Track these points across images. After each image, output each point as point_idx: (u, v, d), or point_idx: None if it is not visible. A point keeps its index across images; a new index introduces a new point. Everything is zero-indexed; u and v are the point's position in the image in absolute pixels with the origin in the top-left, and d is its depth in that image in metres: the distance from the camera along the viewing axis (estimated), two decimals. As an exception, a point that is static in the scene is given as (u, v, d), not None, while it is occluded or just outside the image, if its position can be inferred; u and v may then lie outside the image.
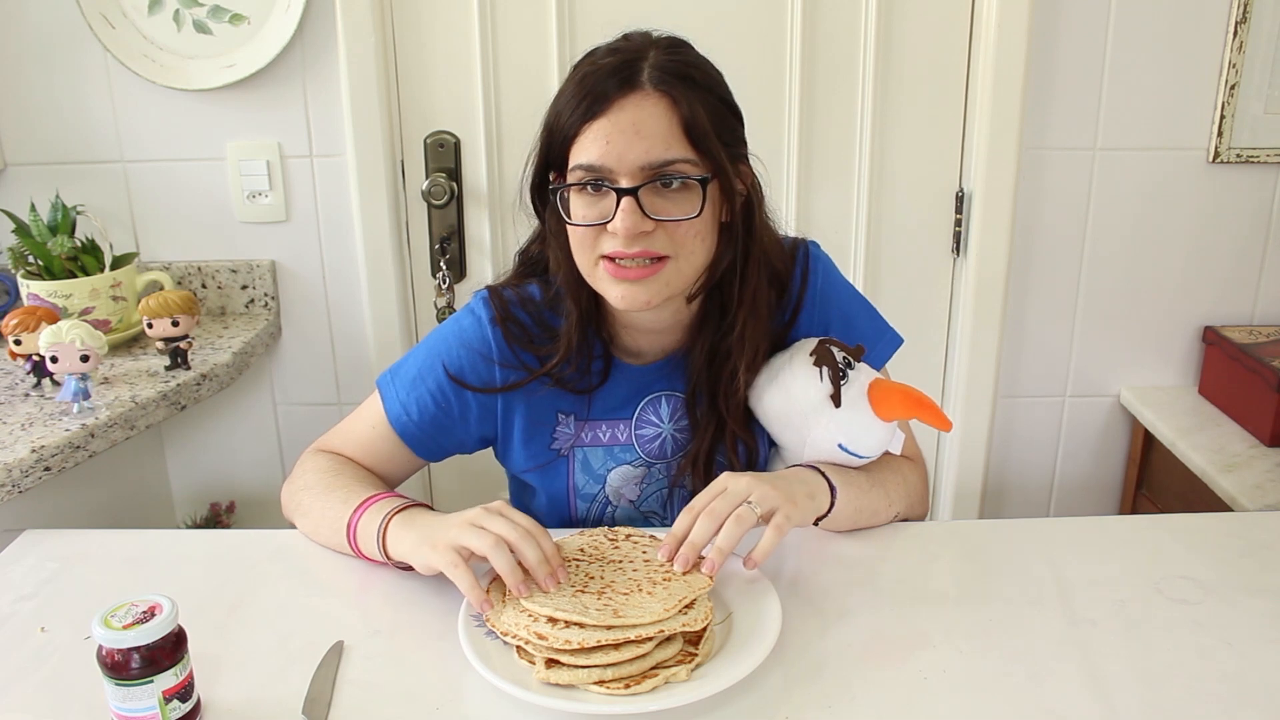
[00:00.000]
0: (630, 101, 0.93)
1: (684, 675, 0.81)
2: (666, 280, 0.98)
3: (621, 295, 0.98)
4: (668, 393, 1.13)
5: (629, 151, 0.93)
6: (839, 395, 1.01)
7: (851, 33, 1.69)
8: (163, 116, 1.71)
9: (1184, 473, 1.63)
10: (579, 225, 0.97)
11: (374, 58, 1.66)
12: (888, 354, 1.17)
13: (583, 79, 0.95)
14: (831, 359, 1.02)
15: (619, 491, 1.14)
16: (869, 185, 1.75)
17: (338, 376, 1.85)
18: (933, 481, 1.94)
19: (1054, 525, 1.14)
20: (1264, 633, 0.91)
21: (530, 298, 1.10)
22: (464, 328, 1.10)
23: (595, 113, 0.93)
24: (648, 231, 0.95)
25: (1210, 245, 1.76)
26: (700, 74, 0.97)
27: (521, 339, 1.08)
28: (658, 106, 0.93)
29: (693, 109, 0.94)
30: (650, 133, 0.93)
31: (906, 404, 1.02)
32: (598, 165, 0.94)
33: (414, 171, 1.76)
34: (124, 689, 0.77)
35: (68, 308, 1.55)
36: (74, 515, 1.54)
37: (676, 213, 0.95)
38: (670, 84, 0.93)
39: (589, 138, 0.94)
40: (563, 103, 0.96)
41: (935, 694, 0.83)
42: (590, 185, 0.95)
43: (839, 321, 1.13)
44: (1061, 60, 1.67)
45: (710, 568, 0.89)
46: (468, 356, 1.09)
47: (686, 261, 0.98)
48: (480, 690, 0.83)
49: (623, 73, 0.93)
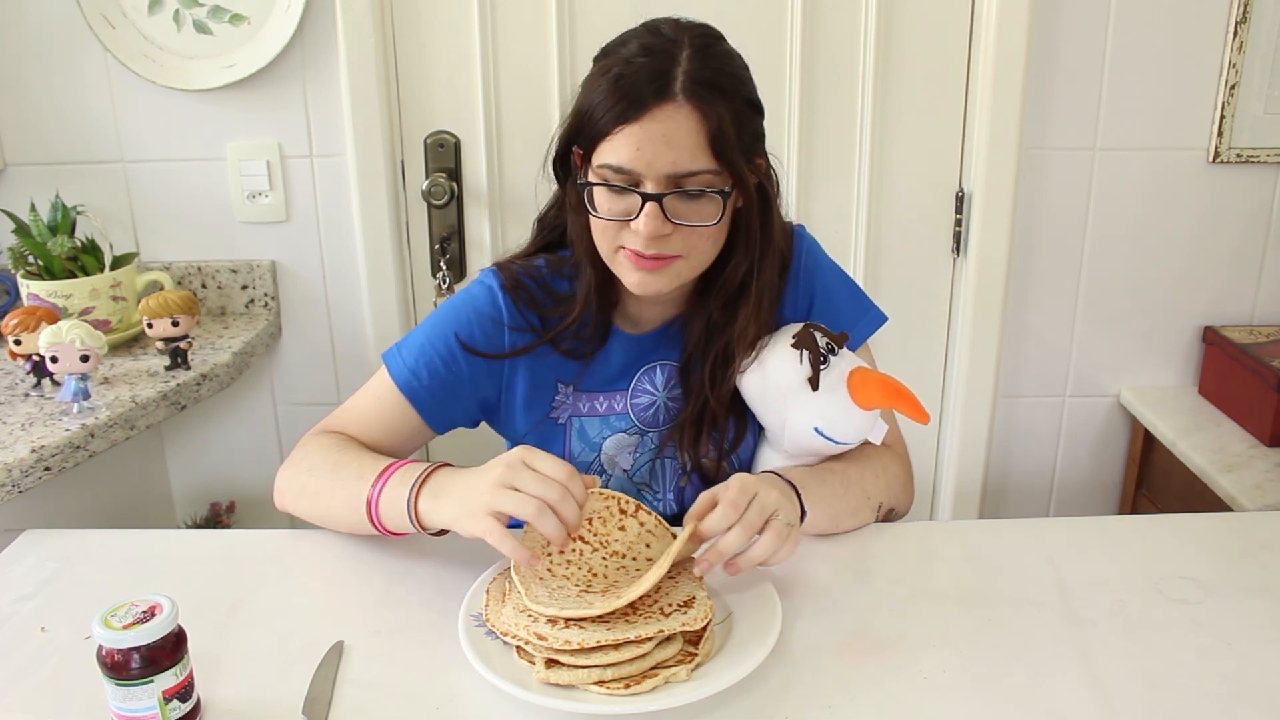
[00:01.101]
0: (664, 112, 0.96)
1: (684, 675, 0.81)
2: (678, 273, 1.04)
3: (638, 282, 1.04)
4: (663, 361, 1.15)
5: (657, 160, 0.96)
6: (817, 379, 1.02)
7: (851, 33, 1.69)
8: (163, 116, 1.71)
9: (1184, 473, 1.63)
10: (602, 218, 1.02)
11: (374, 58, 1.66)
12: (870, 330, 1.19)
13: (619, 78, 0.97)
14: (812, 343, 1.03)
15: (614, 460, 1.16)
16: (869, 185, 1.75)
17: (338, 376, 1.85)
18: (933, 481, 1.94)
19: (1054, 525, 1.14)
20: (1264, 633, 0.91)
21: (536, 268, 1.15)
22: (474, 295, 1.14)
23: (630, 117, 0.96)
24: (667, 235, 0.99)
25: (1210, 245, 1.76)
26: (730, 80, 1.00)
27: (530, 303, 1.13)
28: (689, 120, 0.96)
29: (720, 122, 0.97)
30: (679, 144, 0.96)
31: (884, 393, 1.02)
32: (627, 168, 0.97)
33: (414, 171, 1.76)
34: (124, 689, 0.77)
35: (68, 308, 1.55)
36: (74, 515, 1.54)
37: (696, 219, 1.00)
38: (701, 95, 0.96)
39: (620, 140, 0.97)
40: (597, 96, 0.98)
41: (935, 694, 0.83)
42: (617, 186, 0.99)
43: (821, 296, 1.16)
44: (1061, 60, 1.67)
45: (735, 571, 0.90)
46: (478, 321, 1.12)
47: (698, 259, 1.04)
48: (480, 690, 0.83)
49: (658, 80, 0.96)
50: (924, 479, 1.93)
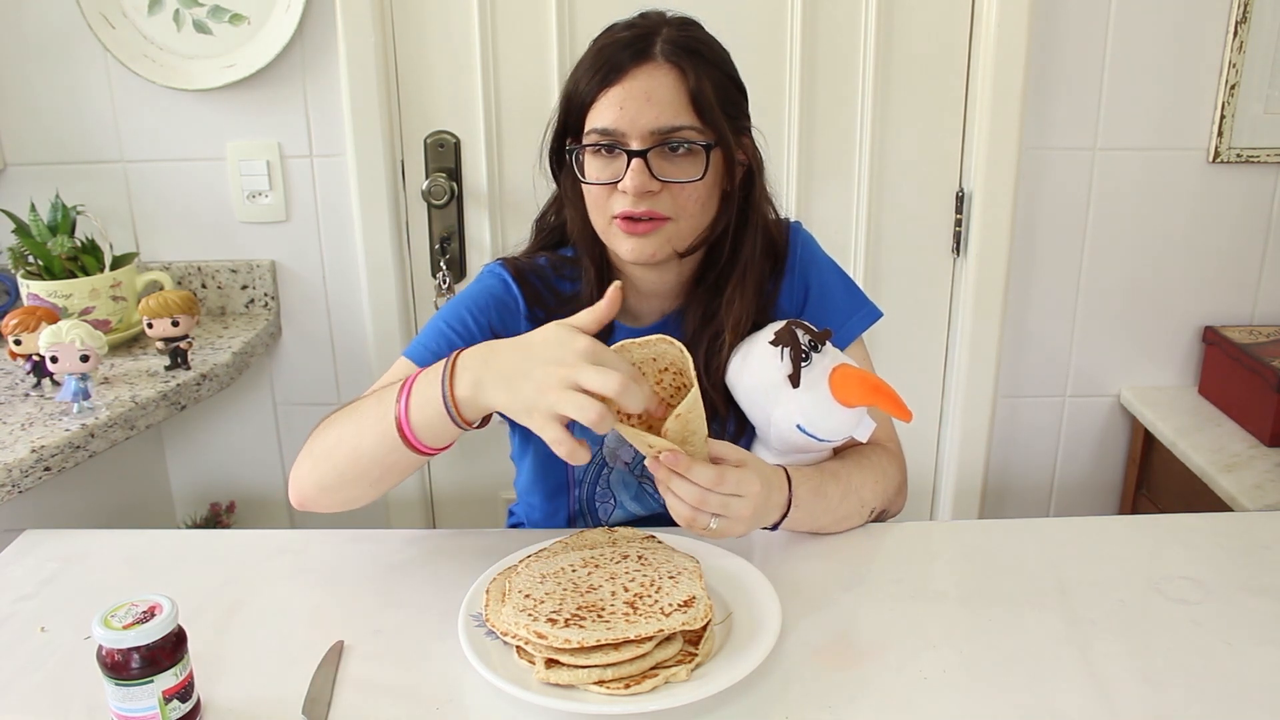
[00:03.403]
0: (643, 71, 1.01)
1: (684, 675, 0.81)
2: (668, 236, 1.05)
3: (631, 248, 1.05)
4: None
5: (640, 116, 1.00)
6: (798, 376, 1.02)
7: (851, 32, 1.69)
8: (163, 116, 1.71)
9: (1184, 473, 1.63)
10: (593, 184, 1.05)
11: (374, 58, 1.66)
12: (864, 326, 1.19)
13: (600, 50, 1.03)
14: (793, 340, 1.03)
15: (615, 453, 1.17)
16: (869, 185, 1.75)
17: (338, 376, 1.85)
18: (933, 481, 1.94)
19: (1054, 525, 1.14)
20: (1264, 633, 0.91)
21: (539, 266, 1.16)
22: (488, 285, 1.15)
23: (611, 80, 1.01)
24: (654, 191, 1.02)
25: (1210, 245, 1.76)
26: (708, 50, 1.06)
27: (535, 298, 1.15)
28: (668, 77, 1.01)
29: (699, 82, 1.02)
30: (660, 100, 1.01)
31: (865, 390, 1.02)
32: (612, 129, 1.01)
33: (414, 171, 1.76)
34: (124, 689, 0.77)
35: (68, 308, 1.55)
36: (74, 515, 1.54)
37: (681, 175, 1.03)
38: (680, 57, 1.02)
39: (604, 103, 1.02)
40: (581, 72, 1.04)
41: (935, 694, 0.83)
42: (604, 148, 1.03)
43: (816, 290, 1.17)
44: (1061, 60, 1.67)
45: (656, 468, 0.90)
46: (495, 305, 1.14)
47: (687, 223, 1.06)
48: (480, 690, 0.83)
49: (637, 45, 1.02)
50: (924, 479, 1.93)
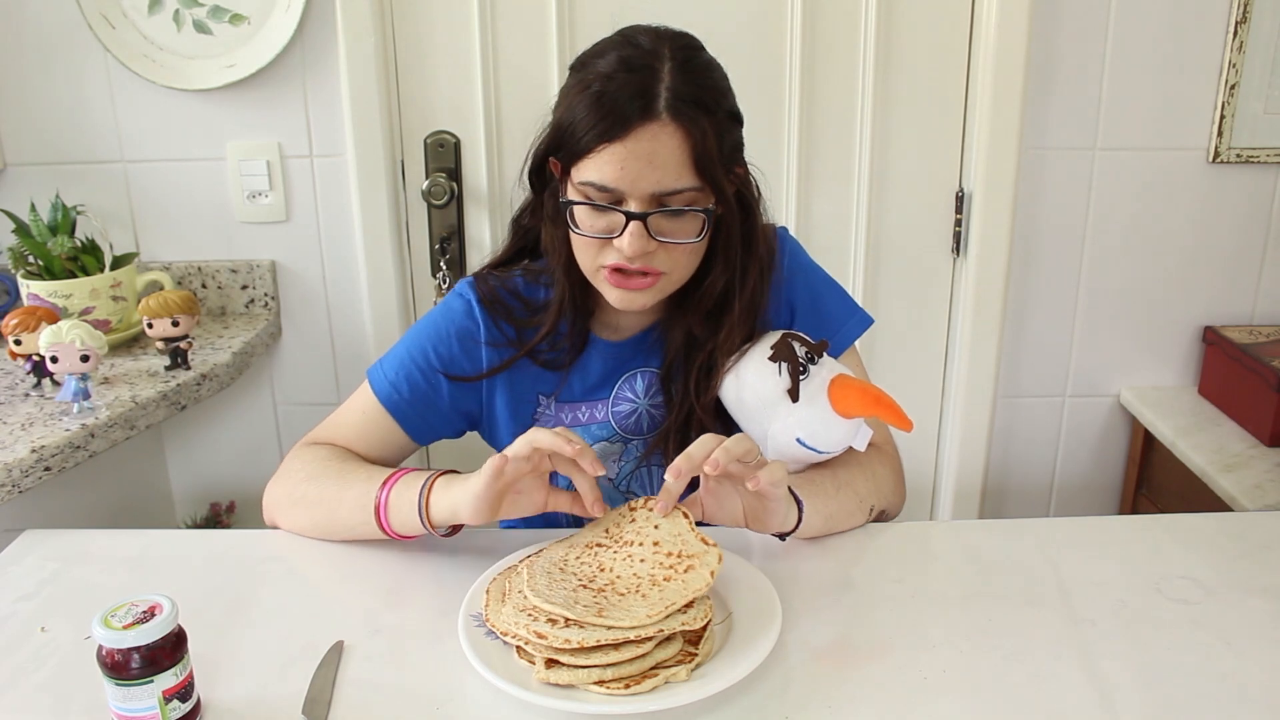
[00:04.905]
0: (648, 132, 0.94)
1: (684, 675, 0.81)
2: (661, 289, 1.04)
3: (620, 299, 1.04)
4: (644, 369, 1.15)
5: (641, 179, 0.95)
6: (797, 390, 1.02)
7: (851, 33, 1.68)
8: (163, 116, 1.71)
9: (1184, 473, 1.63)
10: (585, 235, 1.01)
11: (374, 58, 1.66)
12: (857, 333, 1.18)
13: (600, 96, 0.95)
14: (791, 354, 1.03)
15: None
16: (869, 185, 1.75)
17: (338, 376, 1.85)
18: (933, 481, 1.94)
19: (1054, 525, 1.14)
20: (1264, 633, 0.91)
21: (513, 284, 1.15)
22: (452, 309, 1.14)
23: (613, 136, 0.94)
24: (650, 252, 0.99)
25: (1210, 245, 1.76)
26: (712, 94, 0.98)
27: (507, 316, 1.13)
28: (673, 139, 0.95)
29: (704, 139, 0.96)
30: (663, 164, 0.95)
31: (865, 401, 1.02)
32: (610, 187, 0.96)
33: (414, 171, 1.76)
34: (124, 689, 0.77)
35: (68, 308, 1.55)
36: (74, 515, 1.54)
37: (680, 235, 1.00)
38: (684, 112, 0.95)
39: (603, 158, 0.95)
40: (579, 112, 0.96)
41: (935, 694, 0.83)
42: (600, 205, 0.98)
43: (806, 300, 1.15)
44: (1061, 60, 1.67)
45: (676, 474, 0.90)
46: (456, 336, 1.13)
47: (680, 274, 1.05)
48: (480, 690, 0.83)
49: (642, 99, 0.94)
50: (924, 479, 1.93)
